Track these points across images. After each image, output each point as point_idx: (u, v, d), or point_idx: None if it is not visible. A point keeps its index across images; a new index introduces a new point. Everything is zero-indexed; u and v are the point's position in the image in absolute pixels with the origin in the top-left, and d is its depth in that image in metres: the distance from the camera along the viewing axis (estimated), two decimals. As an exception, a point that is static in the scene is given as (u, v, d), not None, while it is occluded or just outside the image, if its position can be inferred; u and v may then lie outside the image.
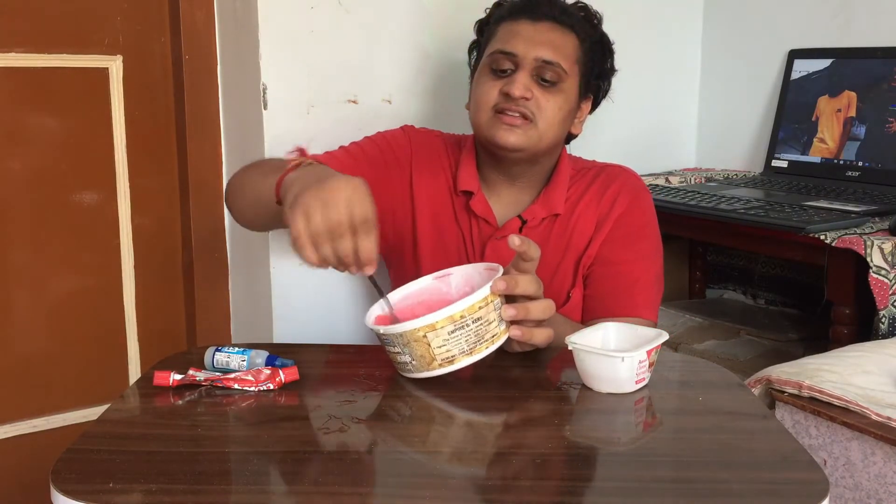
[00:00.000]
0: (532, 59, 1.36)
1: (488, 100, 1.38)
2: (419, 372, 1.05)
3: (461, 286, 1.17)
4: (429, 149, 1.50)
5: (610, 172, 1.47)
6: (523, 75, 1.36)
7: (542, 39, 1.38)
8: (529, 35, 1.38)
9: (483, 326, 1.04)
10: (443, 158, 1.50)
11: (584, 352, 1.07)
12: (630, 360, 1.05)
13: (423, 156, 1.49)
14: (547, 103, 1.37)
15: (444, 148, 1.51)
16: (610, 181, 1.45)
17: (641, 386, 1.07)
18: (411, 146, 1.49)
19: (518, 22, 1.40)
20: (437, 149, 1.50)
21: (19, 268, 1.74)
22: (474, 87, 1.44)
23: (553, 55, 1.37)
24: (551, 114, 1.37)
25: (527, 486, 0.85)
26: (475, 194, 1.45)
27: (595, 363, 1.06)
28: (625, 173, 1.48)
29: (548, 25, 1.39)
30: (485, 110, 1.38)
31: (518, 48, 1.37)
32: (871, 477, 1.16)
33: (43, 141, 1.73)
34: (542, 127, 1.37)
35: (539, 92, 1.36)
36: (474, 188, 1.45)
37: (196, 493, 0.82)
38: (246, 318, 1.89)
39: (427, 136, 1.53)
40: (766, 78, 2.18)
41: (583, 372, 1.08)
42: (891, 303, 1.49)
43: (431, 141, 1.52)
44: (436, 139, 1.53)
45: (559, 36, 1.39)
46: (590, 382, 1.08)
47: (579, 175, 1.47)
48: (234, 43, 1.77)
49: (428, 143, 1.51)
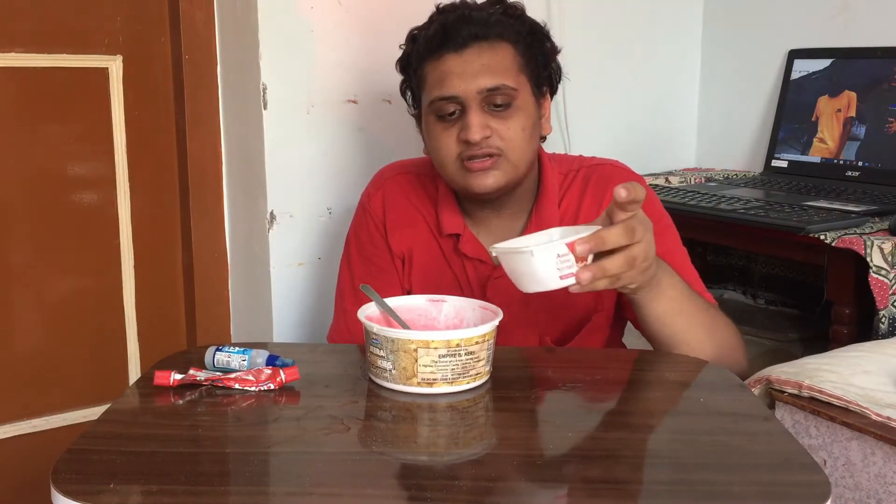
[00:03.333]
0: (475, 94, 1.26)
1: (449, 152, 1.29)
2: (395, 383, 1.04)
3: (451, 316, 1.17)
4: (402, 198, 1.42)
5: (602, 172, 1.39)
6: (474, 115, 1.26)
7: (475, 69, 1.27)
8: (461, 70, 1.27)
9: (472, 362, 1.04)
10: (416, 205, 1.41)
11: (503, 253, 1.04)
12: (542, 253, 0.99)
13: (392, 216, 1.41)
14: (508, 131, 1.27)
15: (415, 190, 1.42)
16: (606, 182, 1.36)
17: (568, 283, 1.01)
18: (376, 223, 1.42)
19: (443, 59, 1.28)
20: (413, 191, 1.42)
21: (19, 268, 1.74)
22: (428, 140, 1.34)
23: (494, 80, 1.27)
24: (517, 139, 1.28)
25: (527, 486, 0.85)
26: (462, 235, 1.37)
27: (511, 262, 1.03)
28: (617, 170, 1.40)
29: (475, 49, 1.28)
30: (449, 163, 1.30)
31: (456, 88, 1.26)
32: (871, 477, 1.16)
33: (43, 141, 1.73)
34: (513, 157, 1.28)
35: (496, 123, 1.27)
36: (460, 229, 1.37)
37: (196, 494, 0.82)
38: (246, 318, 1.89)
39: (396, 184, 1.43)
40: (765, 78, 2.18)
41: (509, 274, 1.05)
42: (891, 303, 1.49)
43: (402, 186, 1.43)
44: (408, 180, 1.43)
45: (491, 55, 1.28)
46: (518, 285, 1.04)
47: (568, 179, 1.39)
48: (234, 43, 1.77)
49: (399, 191, 1.42)
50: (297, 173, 1.76)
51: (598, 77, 2.13)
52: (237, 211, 1.85)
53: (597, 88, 2.13)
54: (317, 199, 1.79)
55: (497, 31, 1.29)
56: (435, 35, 1.30)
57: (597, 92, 2.13)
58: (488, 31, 1.29)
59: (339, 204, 1.81)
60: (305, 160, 1.76)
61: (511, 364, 1.15)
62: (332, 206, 1.80)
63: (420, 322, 1.17)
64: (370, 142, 1.83)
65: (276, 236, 1.76)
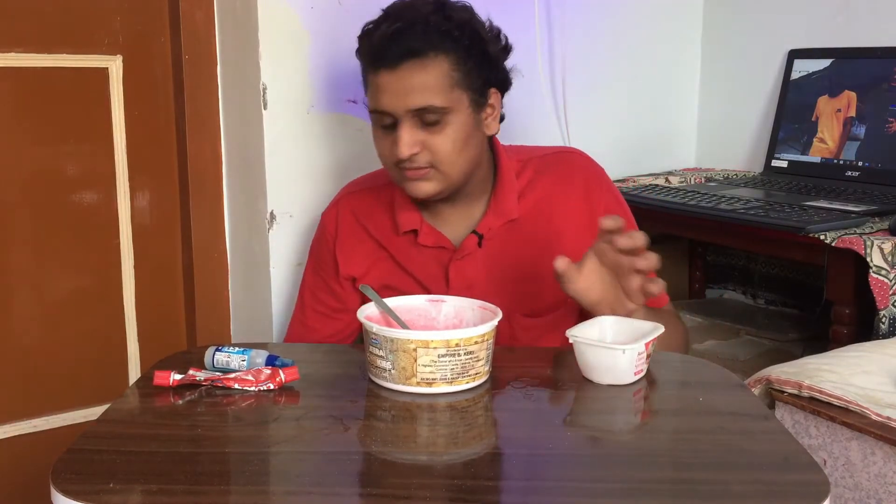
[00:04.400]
0: (404, 112, 1.29)
1: (388, 159, 1.34)
2: (394, 383, 1.04)
3: (450, 316, 1.18)
4: (345, 225, 1.46)
5: (561, 157, 1.44)
6: (405, 132, 1.29)
7: (407, 88, 1.28)
8: (393, 88, 1.29)
9: (471, 361, 1.04)
10: (364, 221, 1.45)
11: (585, 345, 1.07)
12: (630, 352, 1.06)
13: (342, 237, 1.46)
14: (440, 145, 1.30)
15: (366, 206, 1.46)
16: (568, 166, 1.42)
17: (640, 377, 1.08)
18: (327, 239, 1.48)
19: (378, 74, 1.31)
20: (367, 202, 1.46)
21: (19, 268, 1.74)
22: (375, 143, 1.39)
23: (424, 100, 1.28)
24: (447, 153, 1.31)
25: (527, 486, 0.85)
26: (420, 229, 1.40)
27: (596, 356, 1.07)
28: (581, 161, 1.45)
29: (408, 67, 1.28)
30: (389, 166, 1.35)
31: (388, 105, 1.30)
32: (871, 477, 1.16)
33: (43, 141, 1.73)
34: (444, 169, 1.32)
35: (427, 137, 1.30)
36: (416, 225, 1.40)
37: (196, 494, 0.82)
38: (246, 318, 1.89)
39: (349, 200, 1.48)
40: (765, 78, 2.18)
41: (584, 364, 1.09)
42: (891, 303, 1.49)
43: (355, 199, 1.48)
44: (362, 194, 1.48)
45: (422, 74, 1.29)
46: (590, 375, 1.08)
47: (527, 166, 1.42)
48: (234, 43, 1.77)
49: (343, 220, 1.47)
50: (297, 173, 1.76)
51: (598, 77, 2.13)
52: (237, 211, 1.85)
53: (597, 88, 2.13)
54: (317, 199, 1.79)
55: (433, 45, 1.29)
56: (371, 49, 1.33)
57: (597, 92, 2.13)
58: (424, 47, 1.28)
59: (339, 204, 1.80)
60: (305, 160, 1.76)
61: (511, 364, 1.15)
62: (332, 206, 1.80)
63: (419, 322, 1.18)
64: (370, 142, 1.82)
65: (276, 236, 1.76)
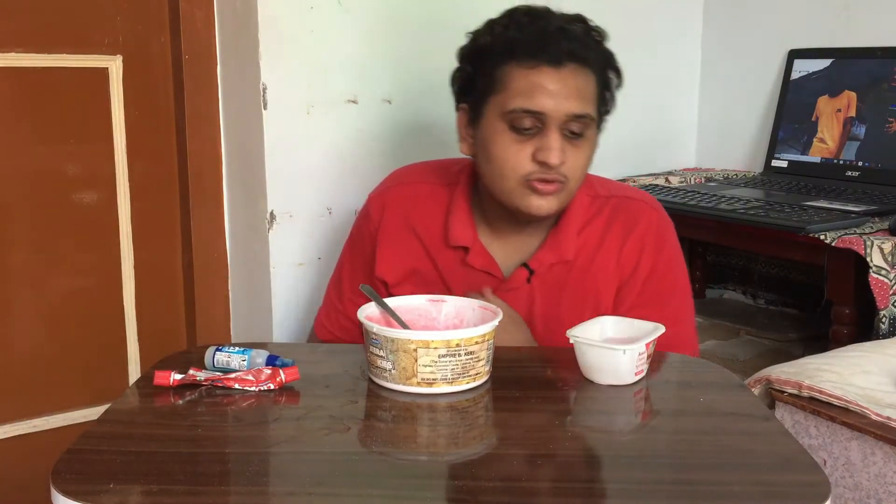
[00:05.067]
0: (563, 116, 1.21)
1: (517, 167, 1.23)
2: (395, 383, 1.04)
3: (451, 316, 1.18)
4: (390, 219, 1.37)
5: (631, 211, 1.33)
6: (556, 138, 1.22)
7: (570, 91, 1.22)
8: (556, 88, 1.21)
9: (472, 361, 1.04)
10: (432, 208, 1.36)
11: (585, 345, 1.07)
12: (631, 352, 1.06)
13: (385, 230, 1.37)
14: (577, 161, 1.24)
15: (418, 205, 1.37)
16: (631, 225, 1.32)
17: (640, 377, 1.08)
18: (371, 229, 1.39)
19: (539, 70, 1.22)
20: (421, 200, 1.37)
21: (19, 268, 1.74)
22: (489, 145, 1.26)
23: (583, 106, 1.23)
24: (581, 169, 1.26)
25: (527, 487, 0.85)
26: (472, 248, 1.33)
27: (597, 356, 1.07)
28: (648, 213, 1.34)
29: (571, 69, 1.22)
30: (512, 178, 1.24)
31: (546, 106, 1.21)
32: (870, 477, 1.16)
33: (43, 141, 1.73)
34: (572, 186, 1.26)
35: (569, 149, 1.23)
36: (469, 242, 1.33)
37: (196, 494, 0.82)
38: (246, 318, 1.89)
39: (400, 192, 1.39)
40: (765, 78, 2.18)
41: (584, 364, 1.08)
42: (891, 303, 1.49)
43: (406, 195, 1.38)
44: (414, 189, 1.38)
45: (583, 80, 1.24)
46: (591, 375, 1.08)
47: (597, 204, 1.34)
48: (234, 43, 1.77)
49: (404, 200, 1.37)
50: (297, 173, 1.76)
51: (598, 77, 2.13)
52: (237, 211, 1.85)
53: (597, 88, 2.13)
54: (317, 199, 1.79)
55: (587, 55, 1.25)
56: (531, 41, 1.23)
57: (597, 92, 2.13)
58: (585, 53, 1.24)
59: (339, 204, 1.81)
60: (305, 160, 1.76)
61: (511, 364, 1.15)
62: (332, 206, 1.80)
63: (420, 322, 1.17)
64: (370, 142, 1.83)
65: (276, 236, 1.76)
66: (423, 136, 1.87)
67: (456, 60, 1.35)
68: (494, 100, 1.25)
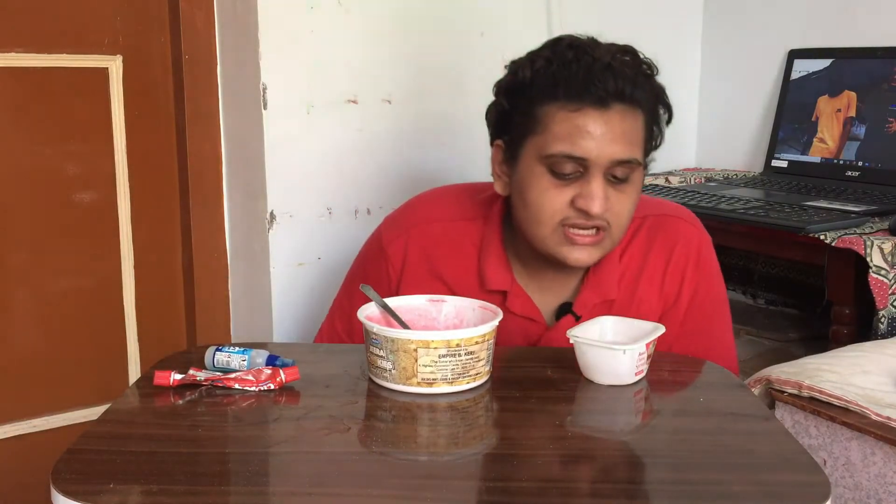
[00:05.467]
0: (607, 162, 1.13)
1: (554, 214, 1.15)
2: (395, 383, 1.04)
3: (451, 316, 1.17)
4: (416, 263, 1.27)
5: (669, 227, 1.26)
6: (599, 185, 1.13)
7: (615, 135, 1.13)
8: (601, 133, 1.12)
9: (472, 361, 1.04)
10: (462, 246, 1.26)
11: (585, 345, 1.07)
12: (631, 352, 1.05)
13: (410, 275, 1.27)
14: (622, 206, 1.16)
15: (445, 244, 1.26)
16: (671, 245, 1.25)
17: (640, 378, 1.08)
18: (390, 273, 1.28)
19: (583, 113, 1.13)
20: (447, 239, 1.27)
21: (19, 268, 1.74)
22: (527, 192, 1.17)
23: (629, 152, 1.14)
24: (626, 216, 1.17)
25: (527, 487, 0.85)
26: (510, 291, 1.24)
27: (597, 356, 1.07)
28: (685, 232, 1.27)
29: (618, 112, 1.13)
30: (549, 225, 1.16)
31: (590, 152, 1.12)
32: (870, 477, 1.16)
33: (43, 141, 1.73)
34: (616, 234, 1.18)
35: (612, 195, 1.15)
36: (507, 286, 1.24)
37: (196, 494, 0.82)
38: (246, 318, 1.89)
39: (424, 232, 1.27)
40: (765, 78, 2.18)
41: (584, 364, 1.08)
42: (890, 303, 1.49)
43: (433, 235, 1.27)
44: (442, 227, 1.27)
45: (631, 123, 1.15)
46: (591, 375, 1.08)
47: (632, 228, 1.25)
48: (234, 43, 1.77)
49: (429, 241, 1.27)
50: (297, 173, 1.76)
51: (598, 77, 2.13)
52: (237, 211, 1.85)
53: (597, 88, 2.13)
54: (317, 199, 1.79)
55: (637, 96, 1.15)
56: (576, 80, 1.13)
57: (597, 92, 2.13)
58: (634, 92, 1.15)
59: (338, 204, 1.81)
60: (305, 160, 1.76)
61: (511, 364, 1.15)
62: (332, 206, 1.80)
63: (420, 322, 1.17)
64: (370, 142, 1.83)
65: (276, 236, 1.76)
66: (423, 136, 1.88)
67: (492, 94, 1.25)
68: (533, 140, 1.16)
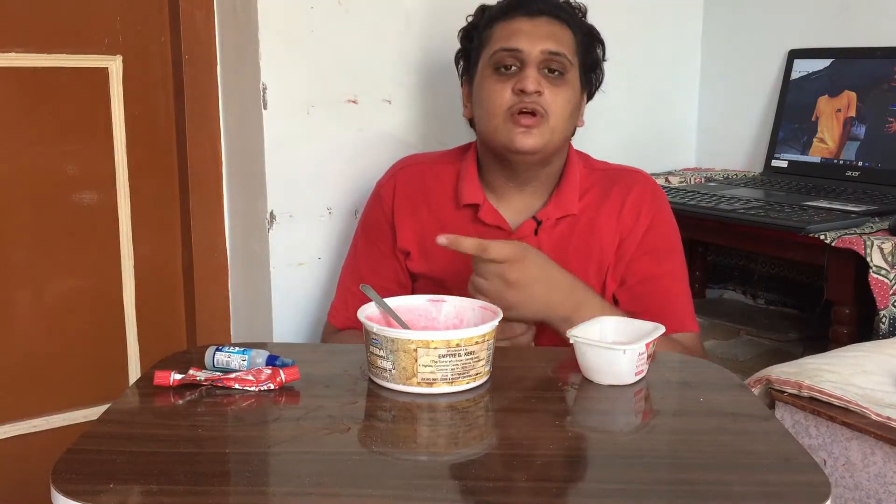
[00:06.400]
0: (538, 53, 1.36)
1: (500, 102, 1.37)
2: (395, 383, 1.04)
3: (451, 316, 1.18)
4: (416, 184, 1.49)
5: (627, 178, 1.46)
6: (532, 69, 1.36)
7: (543, 33, 1.38)
8: (530, 30, 1.38)
9: (472, 361, 1.04)
10: (440, 179, 1.48)
11: (585, 345, 1.07)
12: (631, 352, 1.06)
13: (407, 199, 1.48)
14: (556, 97, 1.36)
15: (437, 170, 1.50)
16: (628, 189, 1.44)
17: (640, 378, 1.08)
18: (384, 209, 1.50)
19: (515, 20, 1.40)
20: (428, 175, 1.49)
21: (19, 268, 1.74)
22: (479, 92, 1.42)
23: (558, 46, 1.37)
24: (561, 107, 1.37)
25: (527, 487, 0.85)
26: (482, 205, 1.44)
27: (597, 356, 1.07)
28: (642, 180, 1.47)
29: (545, 20, 1.40)
30: (497, 114, 1.37)
31: (522, 44, 1.37)
32: (870, 477, 1.16)
33: (43, 141, 1.73)
34: (552, 122, 1.36)
35: (547, 86, 1.36)
36: (479, 199, 1.44)
37: (196, 494, 0.82)
38: (246, 318, 1.89)
39: (409, 172, 1.51)
40: (765, 78, 2.18)
41: (584, 365, 1.09)
42: (891, 303, 1.49)
43: (415, 172, 1.51)
44: (421, 168, 1.51)
45: (558, 29, 1.40)
46: (591, 375, 1.08)
47: (593, 176, 1.47)
48: (234, 43, 1.77)
49: (413, 178, 1.50)
50: (297, 173, 1.76)
51: (598, 77, 2.13)
52: (237, 211, 1.85)
53: (597, 88, 2.13)
54: (317, 199, 1.79)
55: (565, 17, 1.42)
56: (511, 2, 1.42)
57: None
58: (559, 12, 1.42)
59: (339, 204, 1.81)
60: (305, 160, 1.76)
61: (511, 364, 1.15)
62: (332, 206, 1.80)
63: (420, 322, 1.18)
64: (370, 142, 1.82)
65: (276, 236, 1.76)
66: (423, 136, 1.88)
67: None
68: (483, 55, 1.42)
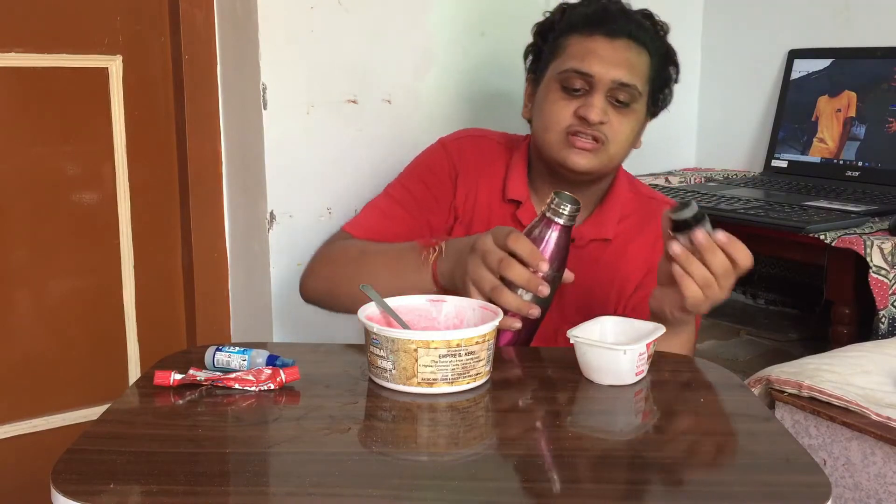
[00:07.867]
0: (609, 80, 1.33)
1: (560, 120, 1.34)
2: (395, 383, 1.04)
3: (451, 316, 1.17)
4: (477, 156, 1.47)
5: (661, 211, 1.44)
6: (600, 98, 1.33)
7: (619, 60, 1.34)
8: (607, 55, 1.34)
9: (472, 362, 1.04)
10: (495, 163, 1.46)
11: (586, 345, 1.07)
12: (632, 352, 1.05)
13: (470, 166, 1.46)
14: (620, 126, 1.34)
15: (496, 152, 1.48)
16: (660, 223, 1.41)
17: (641, 378, 1.08)
18: (452, 162, 1.47)
19: (593, 38, 1.35)
20: (487, 153, 1.47)
21: (19, 268, 1.74)
22: (541, 102, 1.39)
23: (630, 77, 1.34)
24: (623, 136, 1.35)
25: (527, 487, 0.85)
26: (523, 204, 1.42)
27: (597, 356, 1.07)
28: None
29: (624, 43, 1.35)
30: (555, 131, 1.35)
31: (595, 69, 1.33)
32: (870, 477, 1.16)
33: (43, 141, 1.73)
34: (612, 150, 1.35)
35: (613, 114, 1.34)
36: (523, 197, 1.43)
37: (196, 494, 0.82)
38: (246, 318, 1.89)
39: (475, 142, 1.49)
40: (765, 78, 2.18)
41: (584, 365, 1.08)
42: (891, 303, 1.49)
43: (480, 146, 1.48)
44: (487, 143, 1.49)
45: (635, 55, 1.36)
46: (591, 375, 1.08)
47: (637, 201, 1.45)
48: (234, 43, 1.77)
49: (476, 150, 1.48)
50: (297, 173, 1.76)
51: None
52: (237, 211, 1.85)
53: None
54: (317, 199, 1.79)
55: (644, 39, 1.38)
56: (594, 14, 1.37)
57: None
58: (640, 33, 1.37)
59: (339, 204, 1.81)
60: (305, 160, 1.76)
61: (511, 364, 1.15)
62: (332, 206, 1.80)
63: (420, 322, 1.17)
64: (370, 142, 1.83)
65: (276, 236, 1.76)
66: (423, 136, 1.87)
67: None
68: (553, 65, 1.38)
